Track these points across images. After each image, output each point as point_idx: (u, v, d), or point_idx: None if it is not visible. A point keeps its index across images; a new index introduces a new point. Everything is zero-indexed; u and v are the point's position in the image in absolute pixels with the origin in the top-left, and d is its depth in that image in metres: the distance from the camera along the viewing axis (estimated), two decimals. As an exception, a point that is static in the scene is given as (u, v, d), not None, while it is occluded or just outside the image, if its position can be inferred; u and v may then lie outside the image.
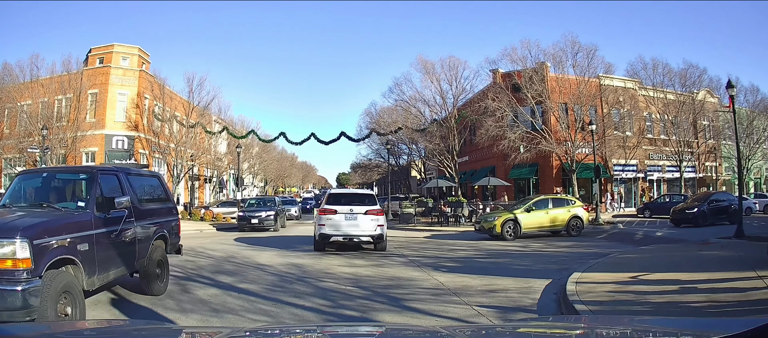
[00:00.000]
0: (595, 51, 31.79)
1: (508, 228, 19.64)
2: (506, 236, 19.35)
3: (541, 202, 21.17)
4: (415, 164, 52.97)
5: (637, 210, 34.28)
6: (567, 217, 20.61)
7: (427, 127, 33.95)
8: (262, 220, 25.43)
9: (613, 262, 12.17)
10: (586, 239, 19.61)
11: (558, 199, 21.90)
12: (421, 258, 14.29)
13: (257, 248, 16.86)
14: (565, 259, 13.75)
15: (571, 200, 21.76)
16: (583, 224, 20.94)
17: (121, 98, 38.66)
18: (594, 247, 16.58)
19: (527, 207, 20.50)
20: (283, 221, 28.07)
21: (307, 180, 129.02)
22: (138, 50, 40.55)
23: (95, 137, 37.64)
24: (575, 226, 20.62)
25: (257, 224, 25.30)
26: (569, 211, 20.76)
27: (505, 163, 34.84)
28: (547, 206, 20.87)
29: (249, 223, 25.35)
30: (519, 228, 19.72)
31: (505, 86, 31.98)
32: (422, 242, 19.72)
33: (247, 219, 25.52)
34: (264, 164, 60.99)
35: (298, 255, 15.05)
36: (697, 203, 25.02)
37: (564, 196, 22.76)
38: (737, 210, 18.26)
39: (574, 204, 21.36)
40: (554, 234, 20.94)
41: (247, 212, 26.05)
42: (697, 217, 23.87)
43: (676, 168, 40.59)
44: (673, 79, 37.92)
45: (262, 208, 26.99)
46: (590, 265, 11.59)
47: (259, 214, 25.73)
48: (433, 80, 33.65)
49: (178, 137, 37.06)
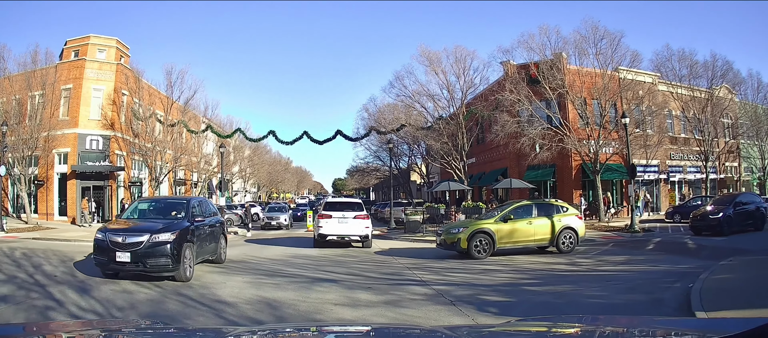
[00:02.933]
0: (620, 38, 27.71)
1: (479, 243, 14.72)
2: (475, 254, 14.55)
3: (523, 209, 16.19)
4: (418, 167, 48.43)
5: (666, 215, 30.29)
6: (556, 228, 15.70)
7: (433, 124, 29.61)
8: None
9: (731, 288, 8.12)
10: (634, 252, 16.10)
11: (544, 205, 16.93)
12: (449, 286, 10.04)
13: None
14: (639, 283, 10.09)
15: (562, 206, 16.72)
16: (578, 238, 16.00)
17: (97, 93, 34.30)
18: (654, 262, 13.28)
19: (504, 216, 15.55)
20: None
21: (302, 186, 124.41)
22: (116, 42, 36.14)
23: (67, 137, 33.25)
24: (568, 240, 15.79)
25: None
26: (559, 221, 15.80)
27: (520, 164, 30.69)
28: (529, 214, 15.89)
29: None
30: (492, 243, 14.86)
31: (521, 78, 27.79)
32: (434, 255, 15.44)
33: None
34: (255, 168, 56.47)
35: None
36: (722, 206, 21.19)
37: (553, 201, 17.69)
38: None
39: (565, 212, 16.33)
40: (541, 250, 16.06)
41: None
42: (722, 223, 19.99)
43: (697, 169, 36.96)
44: (698, 72, 33.84)
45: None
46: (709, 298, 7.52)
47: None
48: (438, 73, 29.40)
49: (159, 136, 32.63)
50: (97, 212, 33.36)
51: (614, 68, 29.05)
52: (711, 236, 19.50)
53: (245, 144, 51.73)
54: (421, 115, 31.91)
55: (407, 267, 12.50)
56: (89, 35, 36.24)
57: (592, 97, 28.74)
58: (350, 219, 17.96)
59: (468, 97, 30.53)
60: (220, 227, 13.16)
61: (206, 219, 12.11)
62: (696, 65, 34.23)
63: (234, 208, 37.99)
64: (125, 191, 34.62)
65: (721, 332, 1.84)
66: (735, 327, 1.80)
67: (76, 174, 33.01)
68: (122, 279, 10.20)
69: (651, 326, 2.66)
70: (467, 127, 30.54)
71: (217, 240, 12.63)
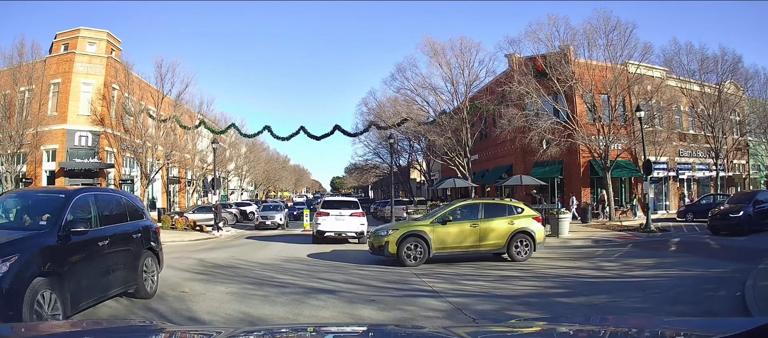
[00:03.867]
0: (632, 30, 26.14)
1: (411, 248, 12.49)
2: (406, 260, 12.34)
3: (467, 209, 13.80)
4: (419, 164, 46.65)
5: (678, 214, 28.78)
6: (508, 232, 13.16)
7: (437, 118, 27.93)
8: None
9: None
10: (658, 254, 14.62)
11: (495, 205, 14.31)
12: (467, 299, 8.47)
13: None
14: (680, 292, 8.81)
15: (516, 207, 14.18)
16: (535, 244, 13.39)
17: (86, 88, 32.68)
18: (684, 266, 12.01)
19: (442, 217, 13.31)
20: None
21: (300, 184, 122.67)
22: (107, 35, 34.51)
23: (56, 133, 31.67)
24: (522, 246, 13.22)
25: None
26: (511, 224, 13.32)
27: (525, 160, 29.12)
28: (475, 215, 13.36)
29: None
30: (427, 248, 12.59)
31: (528, 71, 26.20)
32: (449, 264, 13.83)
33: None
34: (251, 166, 54.78)
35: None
36: (741, 205, 19.91)
37: (506, 201, 15.13)
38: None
39: (520, 213, 13.73)
40: (497, 257, 13.68)
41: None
42: (743, 222, 18.80)
43: (706, 166, 35.50)
44: (708, 66, 32.33)
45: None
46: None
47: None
48: (442, 64, 27.70)
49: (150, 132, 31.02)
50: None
51: (624, 62, 27.52)
52: (729, 236, 18.49)
53: (242, 141, 50.08)
54: (422, 109, 30.27)
55: (414, 274, 10.92)
56: (79, 28, 34.62)
57: (601, 91, 27.22)
58: (347, 217, 19.07)
59: (472, 90, 28.91)
60: (141, 239, 8.05)
61: (107, 228, 7.07)
62: (707, 60, 32.70)
63: (228, 207, 36.35)
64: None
65: (722, 332, 1.77)
66: (735, 327, 1.77)
67: (64, 172, 31.42)
68: None
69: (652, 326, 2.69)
70: (471, 122, 28.93)
71: (132, 262, 7.64)
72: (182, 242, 20.13)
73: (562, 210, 19.42)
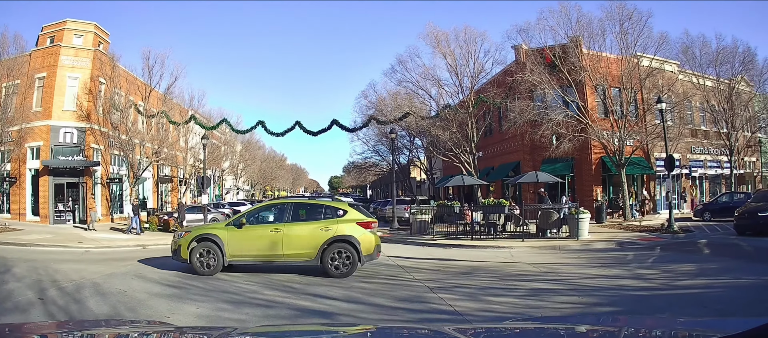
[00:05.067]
0: (648, 19, 24.30)
1: (202, 255, 10.59)
2: (199, 267, 10.54)
3: (272, 210, 11.63)
4: (421, 162, 44.56)
5: (694, 213, 26.99)
6: (321, 240, 10.41)
7: (440, 112, 25.93)
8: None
9: None
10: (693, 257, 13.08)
11: (308, 206, 11.65)
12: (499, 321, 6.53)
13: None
14: (743, 305, 7.47)
15: (338, 209, 11.16)
16: (359, 256, 10.39)
17: (72, 82, 30.62)
18: (731, 272, 10.49)
19: (237, 219, 11.27)
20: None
21: (297, 184, 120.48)
22: (94, 27, 32.43)
23: (40, 129, 29.62)
24: (341, 258, 10.36)
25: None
26: (326, 229, 10.54)
27: (534, 157, 27.27)
28: (281, 217, 11.00)
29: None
30: (220, 255, 10.56)
31: (537, 62, 24.30)
32: (461, 267, 11.88)
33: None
34: (247, 164, 52.72)
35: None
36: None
37: (325, 202, 12.07)
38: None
39: (340, 217, 10.83)
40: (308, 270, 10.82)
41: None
42: None
43: (717, 163, 33.92)
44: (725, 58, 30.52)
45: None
46: None
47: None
48: (446, 55, 25.66)
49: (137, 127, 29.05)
50: (73, 212, 29.74)
51: (637, 54, 25.68)
52: (755, 236, 17.24)
53: (237, 139, 48.08)
54: (425, 103, 28.30)
55: (428, 287, 8.95)
56: (65, 20, 32.59)
57: (614, 84, 25.38)
58: None
59: (478, 82, 26.90)
60: None
61: None
62: (722, 52, 30.85)
63: (220, 207, 34.34)
64: (103, 188, 30.98)
65: (721, 332, 1.82)
66: (735, 327, 1.79)
67: (48, 170, 29.39)
68: None
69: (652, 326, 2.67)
70: (477, 116, 26.99)
71: None
72: (165, 245, 18.16)
73: (581, 210, 17.50)
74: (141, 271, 10.88)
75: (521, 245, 15.57)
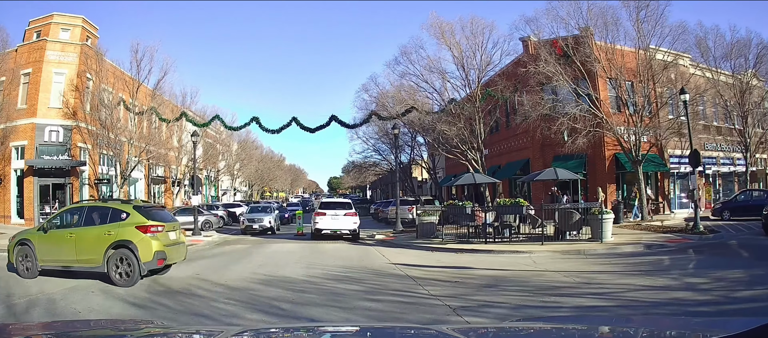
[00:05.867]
0: (665, 8, 22.60)
1: (20, 259, 10.08)
2: (21, 272, 10.00)
3: (71, 214, 10.56)
4: (424, 161, 42.71)
5: (712, 211, 25.39)
6: (105, 245, 9.46)
7: (447, 106, 24.15)
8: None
9: None
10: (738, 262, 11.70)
11: (99, 209, 10.38)
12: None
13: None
14: None
15: (122, 211, 9.92)
16: (139, 264, 9.22)
17: (58, 78, 28.91)
18: None
19: (45, 224, 10.61)
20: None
21: (296, 184, 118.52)
22: (82, 21, 30.71)
23: (25, 128, 27.91)
24: (123, 266, 9.28)
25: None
26: (109, 234, 9.55)
27: (544, 154, 25.60)
28: (78, 222, 10.10)
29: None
30: (34, 259, 9.95)
31: (549, 54, 22.61)
32: (482, 277, 10.12)
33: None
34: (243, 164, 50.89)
35: None
36: None
37: (112, 204, 10.48)
38: None
39: (124, 220, 9.71)
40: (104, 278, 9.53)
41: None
42: None
43: (730, 160, 32.26)
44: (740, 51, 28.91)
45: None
46: None
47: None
48: (451, 47, 23.90)
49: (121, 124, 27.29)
50: (60, 213, 28.00)
51: (653, 47, 24.03)
52: None
53: (233, 138, 46.30)
54: (429, 97, 26.49)
55: (449, 307, 7.17)
56: (52, 14, 30.88)
57: (629, 77, 23.72)
58: (341, 216, 20.33)
59: (485, 76, 25.14)
60: None
61: None
62: (736, 44, 29.20)
63: (214, 208, 32.58)
64: (91, 189, 29.21)
65: (721, 332, 1.78)
66: (735, 327, 1.77)
67: (33, 170, 27.64)
68: None
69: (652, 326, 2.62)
70: (484, 111, 25.25)
71: None
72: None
73: (606, 210, 15.81)
74: (107, 285, 9.14)
75: (541, 250, 13.86)
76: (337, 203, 22.12)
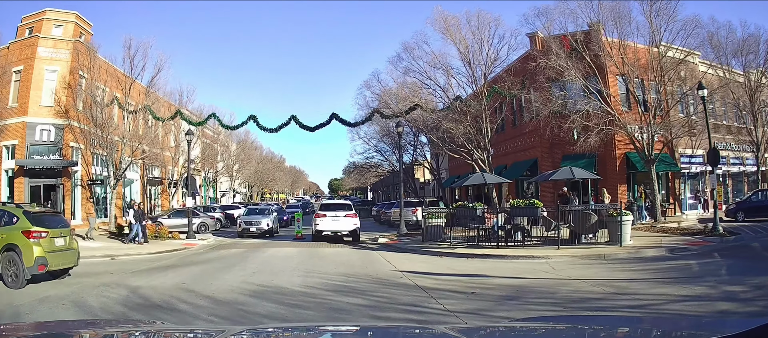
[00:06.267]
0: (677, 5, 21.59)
1: None
2: None
3: None
4: (428, 162, 41.56)
5: (726, 212, 24.38)
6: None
7: (453, 104, 23.06)
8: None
9: None
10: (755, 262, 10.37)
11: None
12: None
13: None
14: None
15: (13, 215, 10.01)
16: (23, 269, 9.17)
17: (50, 76, 27.90)
18: None
19: None
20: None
21: (296, 186, 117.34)
22: (75, 17, 29.70)
23: (15, 127, 26.81)
24: (12, 268, 9.30)
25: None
26: (1, 236, 9.60)
27: (553, 154, 24.62)
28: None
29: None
30: None
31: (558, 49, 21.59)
32: (500, 287, 9.04)
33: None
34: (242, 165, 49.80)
35: None
36: None
37: (7, 209, 10.50)
38: None
39: (13, 224, 9.78)
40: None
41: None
42: None
43: (739, 160, 31.43)
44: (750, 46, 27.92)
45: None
46: None
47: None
48: (457, 42, 22.81)
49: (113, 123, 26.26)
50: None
51: (665, 43, 23.04)
52: None
53: (231, 138, 45.24)
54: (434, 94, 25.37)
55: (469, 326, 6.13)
56: (45, 9, 29.85)
57: (641, 74, 22.73)
58: (341, 217, 20.45)
59: (492, 72, 24.06)
60: None
61: None
62: (747, 40, 28.18)
63: (210, 210, 31.53)
64: (84, 190, 28.16)
65: (721, 332, 1.76)
66: (735, 328, 1.76)
67: (24, 171, 26.60)
68: None
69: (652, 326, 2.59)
70: (490, 109, 24.17)
71: None
72: (138, 256, 15.48)
73: (625, 212, 14.77)
74: (80, 298, 8.08)
75: (558, 255, 12.83)
76: (337, 205, 22.44)
